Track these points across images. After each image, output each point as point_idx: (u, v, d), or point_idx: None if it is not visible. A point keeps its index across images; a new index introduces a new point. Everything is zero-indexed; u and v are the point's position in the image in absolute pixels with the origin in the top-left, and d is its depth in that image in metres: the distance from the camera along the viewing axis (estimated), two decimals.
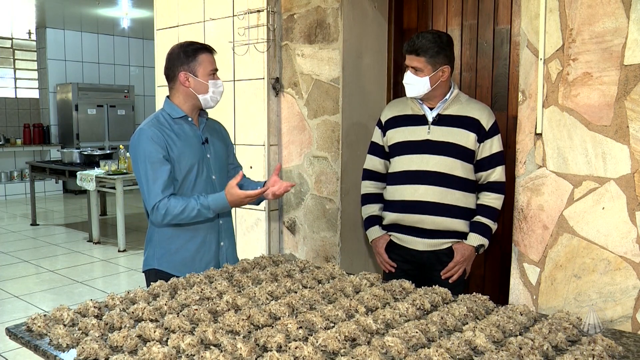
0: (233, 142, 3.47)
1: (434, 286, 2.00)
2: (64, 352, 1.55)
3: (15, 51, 11.27)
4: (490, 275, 3.08)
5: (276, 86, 3.34)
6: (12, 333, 1.73)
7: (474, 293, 1.95)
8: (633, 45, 1.95)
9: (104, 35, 11.23)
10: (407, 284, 2.03)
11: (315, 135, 3.22)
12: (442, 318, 1.69)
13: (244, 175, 2.30)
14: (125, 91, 11.02)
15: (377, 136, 2.60)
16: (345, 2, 3.07)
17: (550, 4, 2.13)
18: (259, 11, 3.28)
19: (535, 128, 2.20)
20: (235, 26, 3.41)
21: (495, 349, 1.50)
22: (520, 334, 1.61)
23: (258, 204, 2.51)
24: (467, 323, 1.69)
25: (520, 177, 2.26)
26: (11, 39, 11.17)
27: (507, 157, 2.88)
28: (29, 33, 10.79)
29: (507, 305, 1.86)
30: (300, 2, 3.21)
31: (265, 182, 2.38)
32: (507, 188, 2.44)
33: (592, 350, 1.46)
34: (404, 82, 2.40)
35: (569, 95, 2.11)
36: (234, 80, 3.47)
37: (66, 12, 9.35)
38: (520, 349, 1.46)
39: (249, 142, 3.43)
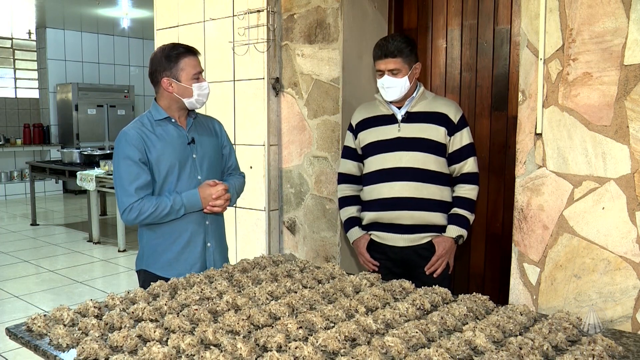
0: (233, 142, 3.46)
1: (433, 286, 2.00)
2: (64, 352, 1.55)
3: (15, 51, 11.27)
4: (490, 275, 3.08)
5: (276, 86, 3.34)
6: (12, 333, 1.73)
7: (474, 293, 1.95)
8: (633, 45, 1.95)
9: (104, 35, 11.23)
10: (407, 284, 2.03)
11: (315, 135, 3.22)
12: (442, 318, 1.69)
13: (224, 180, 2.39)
14: (125, 91, 11.02)
15: (349, 140, 2.65)
16: (345, 2, 3.07)
17: (550, 4, 2.13)
18: (259, 11, 3.28)
19: (535, 128, 2.20)
20: (235, 26, 3.41)
21: (495, 349, 1.50)
22: (520, 334, 1.61)
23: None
24: (467, 323, 1.69)
25: (520, 177, 2.26)
26: (11, 39, 11.17)
27: (507, 157, 2.89)
28: (29, 33, 10.78)
29: (507, 305, 1.86)
30: (300, 2, 3.21)
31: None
32: (507, 188, 2.45)
33: (592, 350, 1.46)
34: (383, 87, 2.43)
35: (569, 95, 2.11)
36: (234, 80, 3.47)
37: (66, 12, 9.35)
38: (520, 349, 1.46)
39: (249, 142, 3.43)
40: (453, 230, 2.46)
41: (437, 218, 2.47)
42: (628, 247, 1.99)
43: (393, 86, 2.41)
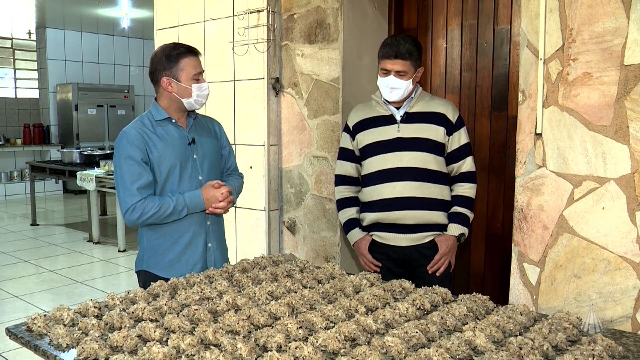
0: (233, 142, 3.47)
1: (433, 286, 2.00)
2: (64, 352, 1.55)
3: (15, 51, 11.27)
4: (490, 275, 3.08)
5: (276, 86, 3.34)
6: (12, 333, 1.73)
7: (474, 293, 1.95)
8: (633, 45, 1.95)
9: (104, 35, 11.23)
10: (407, 284, 2.03)
11: (315, 135, 3.22)
12: (442, 318, 1.69)
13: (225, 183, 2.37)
14: (125, 91, 11.02)
15: (346, 141, 2.64)
16: (345, 2, 3.06)
17: (550, 4, 2.13)
18: (259, 11, 3.28)
19: (535, 128, 2.20)
20: (235, 26, 3.41)
21: (495, 349, 1.50)
22: (520, 334, 1.61)
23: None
24: (467, 323, 1.69)
25: (520, 177, 2.26)
26: (11, 39, 11.17)
27: (507, 157, 2.89)
28: (29, 33, 10.78)
29: (507, 305, 1.86)
30: (300, 2, 3.21)
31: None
32: (507, 188, 2.45)
33: (592, 350, 1.46)
34: (388, 86, 2.43)
35: (569, 95, 2.11)
36: (234, 80, 3.47)
37: (66, 12, 9.35)
38: (520, 349, 1.46)
39: (249, 142, 3.43)
40: (455, 229, 2.47)
41: (439, 217, 2.48)
42: (628, 247, 1.99)
43: (398, 87, 2.41)
